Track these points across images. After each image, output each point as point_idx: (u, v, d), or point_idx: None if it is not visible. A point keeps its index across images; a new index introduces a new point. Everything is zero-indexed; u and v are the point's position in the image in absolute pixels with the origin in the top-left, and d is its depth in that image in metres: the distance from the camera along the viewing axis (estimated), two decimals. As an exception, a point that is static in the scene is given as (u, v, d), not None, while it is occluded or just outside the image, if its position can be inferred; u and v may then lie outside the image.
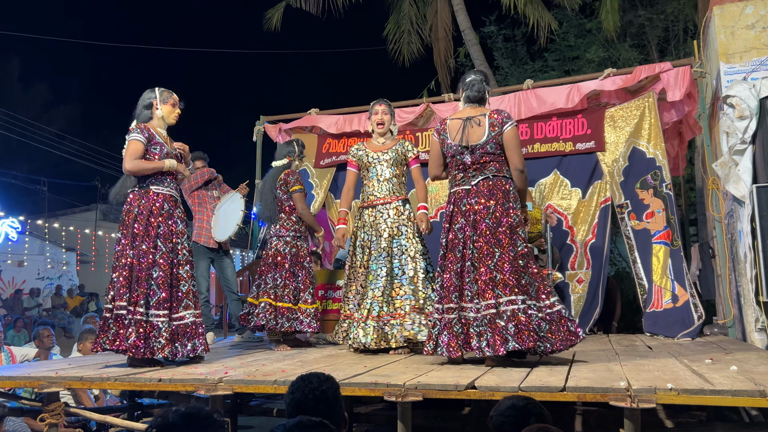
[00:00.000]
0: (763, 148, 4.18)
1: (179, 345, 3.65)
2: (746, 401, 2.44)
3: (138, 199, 3.75)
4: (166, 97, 3.90)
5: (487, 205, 3.37)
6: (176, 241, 3.78)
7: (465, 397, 2.71)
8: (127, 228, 3.71)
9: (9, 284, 16.37)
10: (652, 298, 5.21)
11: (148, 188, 3.77)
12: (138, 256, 3.64)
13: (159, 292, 3.63)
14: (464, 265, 3.38)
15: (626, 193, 5.47)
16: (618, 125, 5.63)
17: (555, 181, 5.90)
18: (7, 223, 16.35)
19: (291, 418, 1.97)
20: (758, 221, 3.99)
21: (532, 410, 2.05)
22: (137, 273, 3.62)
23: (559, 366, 3.21)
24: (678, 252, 5.19)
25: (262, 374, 3.17)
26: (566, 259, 5.75)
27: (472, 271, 3.35)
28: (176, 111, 3.94)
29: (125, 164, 3.70)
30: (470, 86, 3.61)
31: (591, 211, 5.71)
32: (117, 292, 3.59)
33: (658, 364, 3.25)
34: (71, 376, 3.36)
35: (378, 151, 4.37)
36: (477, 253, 3.35)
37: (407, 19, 11.72)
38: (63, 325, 12.94)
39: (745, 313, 4.40)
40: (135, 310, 3.56)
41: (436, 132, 3.68)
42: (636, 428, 2.47)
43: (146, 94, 3.91)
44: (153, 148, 3.78)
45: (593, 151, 5.70)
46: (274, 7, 11.76)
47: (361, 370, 3.20)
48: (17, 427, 4.35)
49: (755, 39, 4.54)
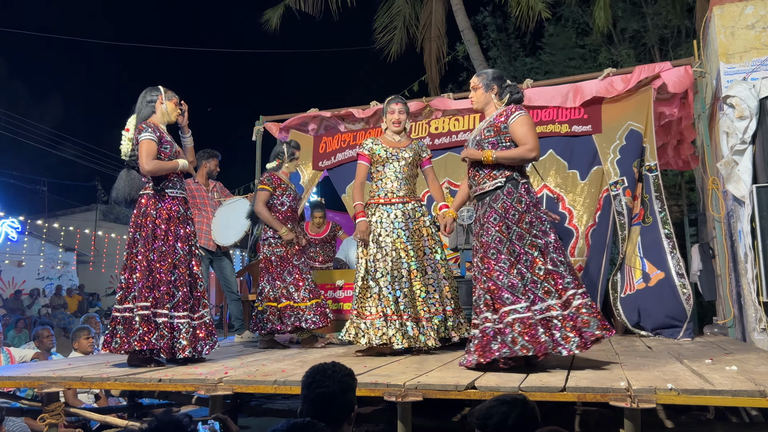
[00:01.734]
0: (763, 148, 4.18)
1: (200, 344, 3.75)
2: (746, 401, 2.44)
3: (155, 202, 3.77)
4: (170, 95, 3.95)
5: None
6: (191, 243, 3.88)
7: (465, 397, 2.71)
8: (143, 230, 3.72)
9: (9, 284, 16.37)
10: (624, 281, 5.19)
11: (163, 192, 3.80)
12: (159, 259, 3.68)
13: (179, 294, 3.70)
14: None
15: (622, 170, 5.42)
16: (615, 112, 5.64)
17: (551, 162, 5.86)
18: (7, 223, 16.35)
19: (315, 405, 2.02)
20: (758, 221, 3.99)
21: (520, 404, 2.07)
22: (157, 275, 3.66)
23: (558, 366, 3.21)
24: (650, 229, 5.15)
25: (262, 374, 3.17)
26: (566, 244, 5.67)
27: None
28: (178, 110, 3.98)
29: (144, 165, 3.70)
30: (518, 90, 3.54)
31: (593, 196, 5.67)
32: (138, 293, 3.61)
33: (658, 364, 3.25)
34: (71, 376, 3.36)
35: (395, 147, 4.29)
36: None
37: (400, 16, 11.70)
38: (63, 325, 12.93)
39: (745, 313, 4.40)
40: (159, 312, 3.61)
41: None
42: (636, 428, 2.47)
43: (150, 91, 3.93)
44: (164, 147, 3.81)
45: (590, 134, 5.69)
46: (273, 8, 11.77)
47: (362, 370, 3.20)
48: (17, 427, 4.35)
49: (755, 39, 4.54)
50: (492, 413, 2.05)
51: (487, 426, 2.04)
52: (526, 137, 3.34)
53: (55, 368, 3.70)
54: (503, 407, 2.05)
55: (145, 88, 3.96)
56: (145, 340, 3.54)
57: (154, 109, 3.89)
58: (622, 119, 5.55)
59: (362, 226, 4.16)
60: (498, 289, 3.18)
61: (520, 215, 3.26)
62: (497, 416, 2.03)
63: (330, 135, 6.86)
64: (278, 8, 11.71)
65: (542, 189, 5.82)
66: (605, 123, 5.64)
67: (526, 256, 3.20)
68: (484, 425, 2.05)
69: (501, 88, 3.52)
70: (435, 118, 6.47)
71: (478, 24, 13.04)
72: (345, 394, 2.07)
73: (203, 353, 3.79)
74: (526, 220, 3.26)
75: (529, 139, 3.33)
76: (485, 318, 3.21)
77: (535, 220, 3.27)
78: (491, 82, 3.52)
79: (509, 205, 3.29)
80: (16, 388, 4.08)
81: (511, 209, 3.28)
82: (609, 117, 5.66)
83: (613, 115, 5.65)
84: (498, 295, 3.18)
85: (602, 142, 5.60)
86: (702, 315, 7.79)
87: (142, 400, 4.64)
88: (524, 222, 3.25)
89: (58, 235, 18.74)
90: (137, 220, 3.76)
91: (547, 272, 3.17)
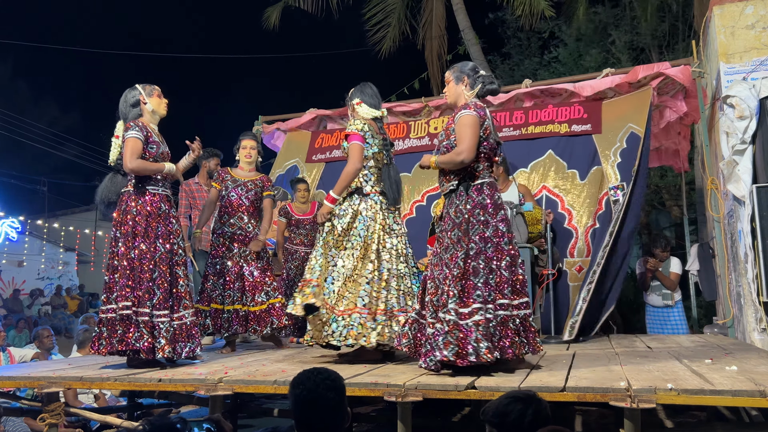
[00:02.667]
0: (763, 148, 4.18)
1: (180, 345, 3.62)
2: (746, 401, 2.44)
3: (135, 199, 3.70)
4: (149, 90, 3.84)
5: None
6: (173, 241, 3.76)
7: (465, 397, 2.71)
8: (124, 228, 3.65)
9: (9, 284, 16.36)
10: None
11: (144, 188, 3.72)
12: (139, 257, 3.61)
13: (159, 293, 3.60)
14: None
15: (623, 175, 5.41)
16: (615, 112, 5.64)
17: (550, 162, 5.85)
18: (7, 223, 16.34)
19: (301, 408, 1.99)
20: (758, 221, 3.99)
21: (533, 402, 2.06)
22: (138, 273, 3.58)
23: (559, 366, 3.21)
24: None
25: (262, 374, 3.17)
26: (565, 244, 5.66)
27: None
28: (164, 101, 3.88)
29: (127, 163, 3.63)
30: (492, 80, 3.39)
31: (593, 196, 5.66)
32: (120, 292, 3.54)
33: (658, 364, 3.25)
34: (71, 376, 3.36)
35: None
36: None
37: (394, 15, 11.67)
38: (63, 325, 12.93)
39: (745, 313, 4.40)
40: (140, 311, 3.53)
41: (480, 116, 3.25)
42: (636, 428, 2.47)
43: (128, 93, 3.83)
44: (150, 147, 3.73)
45: (589, 134, 5.68)
46: (273, 6, 11.78)
47: (362, 370, 3.20)
48: (17, 427, 4.35)
49: (755, 39, 4.54)
50: (508, 411, 2.02)
51: (504, 424, 2.01)
52: (461, 138, 3.19)
53: (55, 368, 3.70)
54: (518, 404, 2.02)
55: (144, 88, 3.90)
56: (124, 341, 3.48)
57: (140, 111, 3.81)
58: (623, 120, 5.55)
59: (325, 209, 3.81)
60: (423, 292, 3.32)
61: (464, 218, 3.17)
62: (514, 413, 2.01)
63: (328, 132, 6.90)
64: (277, 7, 11.71)
65: (541, 190, 5.82)
66: (605, 123, 5.64)
67: (456, 260, 3.11)
68: (501, 423, 2.02)
69: (472, 79, 3.35)
70: (434, 118, 6.48)
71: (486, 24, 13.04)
72: (331, 397, 2.04)
73: (183, 355, 3.64)
74: (468, 223, 3.16)
75: (462, 140, 3.17)
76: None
77: (477, 224, 3.15)
78: (461, 74, 3.38)
79: (459, 209, 3.21)
80: (16, 388, 4.08)
81: (459, 213, 3.20)
82: (609, 117, 5.66)
83: (613, 115, 5.65)
84: (419, 297, 3.37)
85: (602, 144, 5.59)
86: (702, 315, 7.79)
87: (142, 400, 4.64)
88: (464, 224, 3.16)
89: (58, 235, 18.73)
90: (118, 218, 3.70)
91: (459, 277, 3.08)
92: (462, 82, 3.37)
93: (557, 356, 3.73)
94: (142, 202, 3.69)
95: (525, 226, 4.98)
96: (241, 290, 4.55)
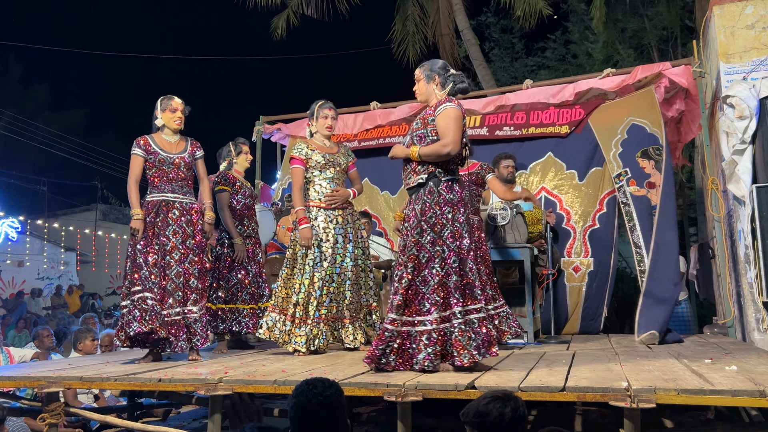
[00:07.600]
0: (763, 148, 4.18)
1: (189, 339, 3.88)
2: (746, 401, 2.44)
3: (144, 206, 4.00)
4: (165, 104, 4.08)
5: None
6: (180, 241, 3.98)
7: (465, 397, 2.70)
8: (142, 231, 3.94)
9: (9, 284, 16.37)
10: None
11: (144, 199, 4.02)
12: (162, 255, 3.89)
13: (169, 287, 3.88)
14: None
15: (625, 162, 5.41)
16: (616, 112, 5.65)
17: (549, 164, 5.88)
18: (7, 223, 16.34)
19: (294, 421, 1.98)
20: (758, 221, 3.99)
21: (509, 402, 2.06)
22: (161, 269, 3.87)
23: (559, 366, 3.21)
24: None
25: (262, 374, 3.16)
26: (563, 244, 5.69)
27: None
28: (176, 115, 4.07)
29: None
30: (463, 79, 3.37)
31: (591, 197, 5.68)
32: (144, 286, 3.78)
33: (658, 364, 3.25)
34: (71, 376, 3.36)
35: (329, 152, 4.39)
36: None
37: (411, 21, 11.71)
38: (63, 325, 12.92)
39: (745, 313, 4.40)
40: (171, 305, 3.85)
41: (462, 111, 3.28)
42: (636, 428, 2.47)
43: (156, 105, 4.11)
44: (149, 158, 4.01)
45: (590, 132, 5.69)
46: (278, 15, 11.65)
47: (362, 370, 3.20)
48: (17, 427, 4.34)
49: (755, 39, 4.54)
50: (488, 410, 2.03)
51: (484, 423, 2.02)
52: (446, 130, 3.17)
53: (55, 368, 3.70)
54: (497, 403, 2.04)
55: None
56: (147, 320, 3.70)
57: (157, 126, 4.10)
58: (623, 116, 5.57)
59: (306, 233, 4.05)
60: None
61: (437, 218, 3.15)
62: (494, 413, 2.02)
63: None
64: (283, 15, 11.60)
65: (540, 191, 5.83)
66: (605, 122, 5.67)
67: (432, 262, 3.11)
68: (481, 423, 2.03)
69: (443, 78, 3.33)
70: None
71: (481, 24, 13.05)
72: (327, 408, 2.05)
73: (176, 350, 3.85)
74: (439, 224, 3.14)
75: (447, 133, 3.16)
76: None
77: (447, 224, 3.14)
78: (432, 73, 3.35)
79: (428, 207, 3.17)
80: (16, 388, 4.09)
81: (429, 211, 3.16)
82: (609, 116, 5.68)
83: (613, 114, 5.67)
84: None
85: (603, 139, 5.62)
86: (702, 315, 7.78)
87: (142, 399, 4.64)
88: (437, 225, 3.14)
89: (58, 235, 18.73)
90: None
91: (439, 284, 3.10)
92: (433, 81, 3.35)
93: (557, 356, 3.73)
94: (145, 210, 3.97)
95: (525, 226, 4.98)
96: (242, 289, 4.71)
